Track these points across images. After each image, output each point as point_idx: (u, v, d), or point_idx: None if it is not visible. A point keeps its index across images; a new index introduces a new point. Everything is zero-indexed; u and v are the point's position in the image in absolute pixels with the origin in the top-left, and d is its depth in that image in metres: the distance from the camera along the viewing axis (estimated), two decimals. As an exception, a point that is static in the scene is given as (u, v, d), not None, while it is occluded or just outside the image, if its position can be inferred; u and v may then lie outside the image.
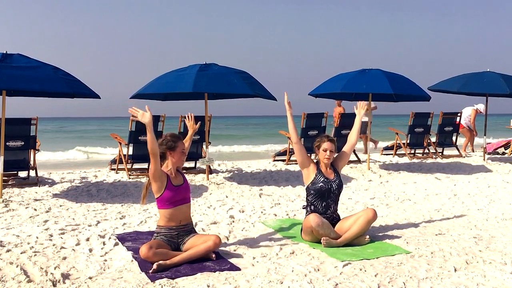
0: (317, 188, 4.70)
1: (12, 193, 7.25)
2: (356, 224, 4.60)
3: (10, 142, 7.68)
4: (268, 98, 8.41)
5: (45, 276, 3.70)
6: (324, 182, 4.70)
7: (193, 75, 7.79)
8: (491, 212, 6.10)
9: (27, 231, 5.07)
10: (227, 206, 6.43)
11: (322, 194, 4.71)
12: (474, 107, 13.37)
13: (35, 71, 6.45)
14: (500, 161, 11.41)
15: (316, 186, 4.71)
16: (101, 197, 7.20)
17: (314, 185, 4.72)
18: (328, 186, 4.70)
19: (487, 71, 10.77)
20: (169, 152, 4.26)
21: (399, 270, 3.88)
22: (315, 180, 4.72)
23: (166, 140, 4.27)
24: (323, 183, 4.70)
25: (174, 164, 4.31)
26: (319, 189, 4.69)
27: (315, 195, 4.72)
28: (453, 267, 3.94)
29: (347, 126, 11.08)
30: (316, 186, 4.71)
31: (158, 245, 4.05)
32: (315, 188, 4.71)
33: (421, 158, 11.98)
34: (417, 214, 5.98)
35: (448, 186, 8.19)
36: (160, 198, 4.19)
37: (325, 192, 4.71)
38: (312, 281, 3.61)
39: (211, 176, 8.82)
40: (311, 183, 4.74)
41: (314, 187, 4.72)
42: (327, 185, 4.70)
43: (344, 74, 9.73)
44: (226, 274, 3.77)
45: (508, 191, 7.63)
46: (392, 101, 10.54)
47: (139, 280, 3.63)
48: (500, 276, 3.75)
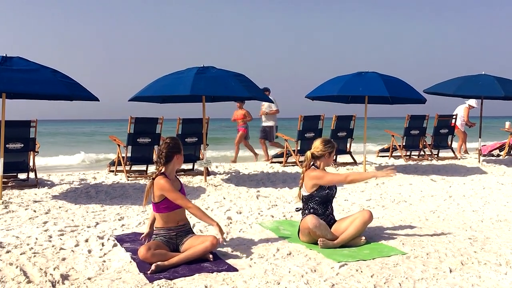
0: (324, 195, 4.72)
1: (12, 195, 7.27)
2: (352, 226, 4.64)
3: (10, 144, 7.71)
4: (265, 100, 8.48)
5: (45, 277, 3.72)
6: (330, 188, 4.77)
7: (191, 78, 7.83)
8: (486, 214, 6.14)
9: (26, 232, 5.10)
10: (225, 208, 6.46)
11: (328, 199, 4.77)
12: (465, 105, 13.43)
13: (34, 74, 6.48)
14: (494, 163, 11.47)
15: (323, 192, 4.72)
16: (100, 198, 7.23)
17: (321, 192, 4.71)
18: (332, 191, 4.79)
19: (482, 74, 10.84)
20: (176, 156, 4.32)
21: (395, 271, 3.91)
22: (322, 187, 4.74)
23: (173, 144, 4.32)
24: (329, 189, 4.76)
25: (177, 167, 4.38)
26: (325, 195, 4.73)
27: (319, 202, 4.74)
28: (448, 268, 3.97)
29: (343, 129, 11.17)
30: (323, 193, 4.71)
31: (156, 246, 4.09)
32: (321, 195, 4.71)
33: (417, 160, 12.03)
34: (413, 215, 6.02)
35: (444, 187, 8.24)
36: (159, 204, 4.23)
37: (330, 197, 4.78)
38: (309, 281, 3.64)
39: (209, 178, 8.86)
40: (316, 190, 4.73)
41: (320, 194, 4.71)
42: (332, 190, 4.78)
43: (340, 77, 9.78)
44: (224, 275, 3.79)
45: (502, 193, 7.68)
46: (388, 103, 10.61)
47: (138, 281, 3.65)
48: (495, 277, 3.78)
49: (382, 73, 9.51)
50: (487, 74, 10.81)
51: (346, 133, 11.20)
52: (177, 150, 4.32)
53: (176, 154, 4.31)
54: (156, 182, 4.21)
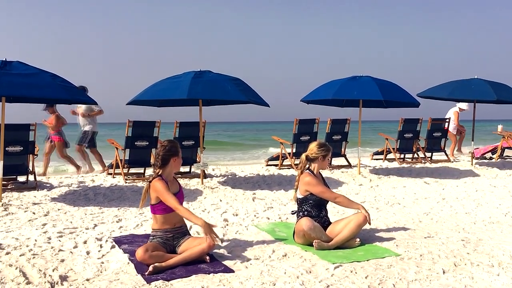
0: (317, 198, 4.77)
1: (11, 197, 7.29)
2: (347, 228, 4.68)
3: (10, 147, 7.75)
4: (261, 104, 8.53)
5: (44, 278, 3.75)
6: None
7: (188, 82, 7.90)
8: (479, 216, 6.19)
9: (26, 234, 5.13)
10: (221, 210, 6.52)
11: (321, 203, 4.82)
12: (455, 109, 13.48)
13: (33, 78, 6.52)
14: (487, 165, 11.54)
15: (316, 196, 4.77)
16: (98, 201, 7.26)
17: (313, 195, 4.77)
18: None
19: (475, 78, 10.89)
20: (173, 159, 4.38)
21: (389, 272, 3.93)
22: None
23: (170, 147, 4.38)
24: None
25: (174, 170, 4.43)
26: (319, 199, 4.78)
27: (313, 204, 4.79)
28: (441, 269, 3.99)
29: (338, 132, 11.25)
30: (316, 197, 4.77)
31: (154, 248, 4.13)
32: (314, 198, 4.77)
33: (411, 163, 12.10)
34: (407, 217, 6.07)
35: (437, 190, 8.30)
36: (157, 205, 4.28)
37: (324, 201, 4.83)
38: (304, 283, 3.68)
39: (206, 181, 8.90)
40: (310, 194, 4.78)
41: (314, 197, 4.77)
42: None
43: (335, 81, 9.83)
44: (220, 276, 3.83)
45: (495, 195, 7.74)
46: (382, 107, 10.70)
47: (135, 282, 3.69)
48: (487, 278, 3.81)
49: (376, 77, 9.60)
50: (480, 78, 10.89)
51: (341, 137, 11.28)
52: (174, 153, 4.37)
53: (173, 156, 4.36)
54: (152, 184, 4.28)
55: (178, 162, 4.43)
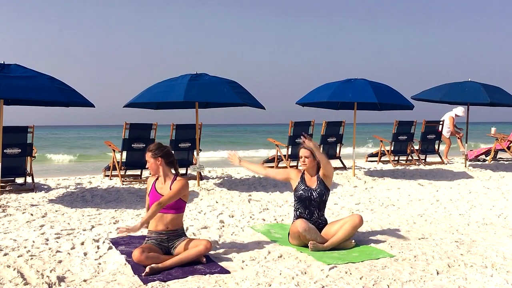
0: (298, 195, 4.86)
1: (10, 199, 7.32)
2: (342, 229, 4.71)
3: (8, 149, 7.79)
4: (256, 106, 8.58)
5: (41, 279, 3.77)
6: (304, 190, 4.82)
7: (184, 84, 7.95)
8: (472, 217, 6.24)
9: (23, 235, 5.15)
10: (217, 211, 6.55)
11: (303, 201, 4.84)
12: (451, 114, 13.56)
13: (31, 80, 6.55)
14: (481, 167, 11.62)
15: (297, 193, 4.86)
16: (96, 202, 7.28)
17: (296, 192, 4.88)
18: (307, 194, 4.80)
19: (468, 81, 10.99)
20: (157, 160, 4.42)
21: (384, 273, 3.96)
22: (297, 187, 4.87)
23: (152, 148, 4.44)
24: (303, 191, 4.82)
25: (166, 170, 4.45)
26: (299, 196, 4.85)
27: (297, 202, 4.88)
28: (435, 270, 4.01)
29: (332, 134, 11.32)
30: (297, 194, 4.87)
31: (150, 249, 4.16)
32: (295, 195, 4.89)
33: (405, 165, 12.17)
34: (401, 219, 6.11)
35: (431, 192, 8.35)
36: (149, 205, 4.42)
37: (305, 199, 4.82)
38: (299, 283, 3.71)
39: (202, 182, 8.94)
40: (294, 190, 4.91)
41: (295, 194, 4.89)
42: (306, 193, 4.81)
43: (330, 84, 9.88)
44: (216, 277, 3.85)
45: (488, 197, 7.80)
46: (377, 109, 10.77)
47: (132, 283, 3.71)
48: (481, 279, 3.84)
49: (370, 80, 9.67)
50: (473, 81, 10.99)
51: (336, 139, 11.34)
52: (154, 154, 4.39)
53: (156, 158, 4.39)
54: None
55: (162, 163, 4.41)
